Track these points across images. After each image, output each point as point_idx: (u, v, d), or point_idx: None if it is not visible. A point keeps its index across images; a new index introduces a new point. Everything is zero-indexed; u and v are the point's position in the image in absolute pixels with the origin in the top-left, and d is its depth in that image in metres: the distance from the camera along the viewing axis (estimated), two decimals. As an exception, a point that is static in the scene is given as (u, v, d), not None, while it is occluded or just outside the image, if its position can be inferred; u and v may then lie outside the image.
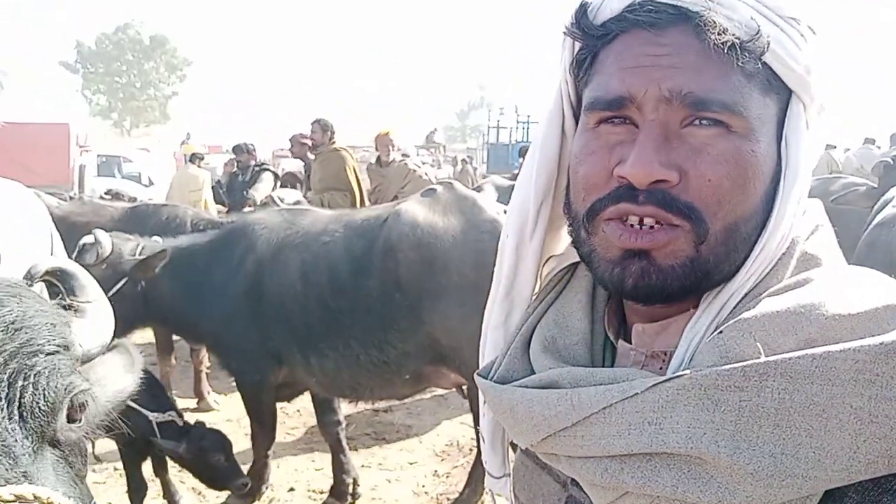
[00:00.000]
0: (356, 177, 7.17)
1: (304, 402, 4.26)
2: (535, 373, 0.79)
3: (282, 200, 5.61)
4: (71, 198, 7.34)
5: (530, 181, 0.88)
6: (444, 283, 3.47)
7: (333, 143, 7.28)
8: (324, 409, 4.25)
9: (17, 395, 0.80)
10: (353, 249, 3.70)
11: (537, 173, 0.87)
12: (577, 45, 0.79)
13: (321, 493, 4.34)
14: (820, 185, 6.02)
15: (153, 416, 3.36)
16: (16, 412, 0.80)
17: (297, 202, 5.67)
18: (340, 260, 3.69)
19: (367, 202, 7.24)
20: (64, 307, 1.01)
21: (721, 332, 0.68)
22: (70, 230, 5.62)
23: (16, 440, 0.79)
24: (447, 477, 4.59)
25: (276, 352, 3.83)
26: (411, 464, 4.81)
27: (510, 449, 0.99)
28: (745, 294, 0.72)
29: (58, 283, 1.04)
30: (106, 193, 9.61)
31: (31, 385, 0.81)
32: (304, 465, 4.77)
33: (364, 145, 15.12)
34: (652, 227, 0.71)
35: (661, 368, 0.75)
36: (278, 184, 7.91)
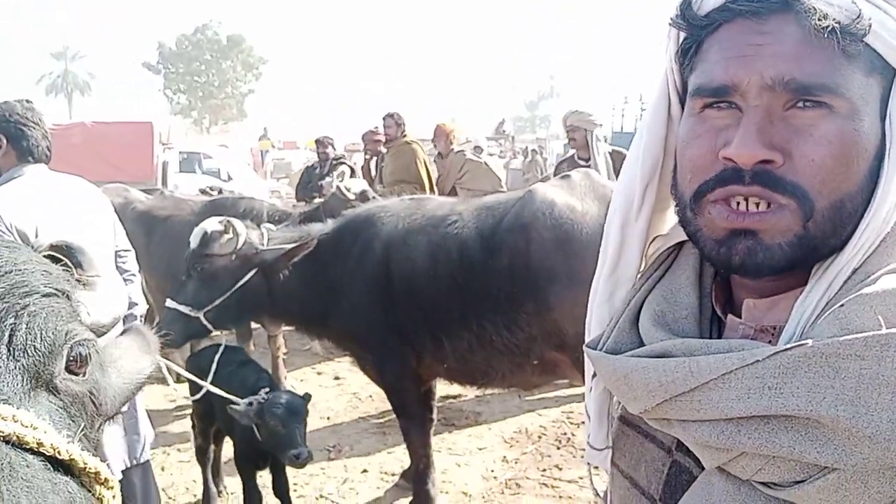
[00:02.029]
0: (426, 169, 7.24)
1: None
2: (644, 345, 0.83)
3: (348, 190, 5.67)
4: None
5: (637, 163, 0.93)
6: (577, 269, 3.22)
7: (405, 136, 7.38)
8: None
9: (8, 333, 0.77)
10: (484, 228, 3.58)
11: (644, 156, 0.92)
12: (682, 35, 0.83)
13: (393, 475, 4.46)
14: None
15: (238, 405, 3.28)
16: (4, 349, 0.76)
17: (363, 192, 5.72)
18: (471, 238, 3.57)
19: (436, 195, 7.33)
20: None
21: (843, 305, 0.71)
22: (152, 222, 5.96)
23: (4, 378, 0.75)
24: (516, 462, 4.65)
25: (408, 338, 3.73)
26: (480, 449, 4.88)
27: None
28: (854, 270, 0.75)
29: (64, 258, 1.00)
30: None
31: (24, 324, 0.78)
32: (376, 447, 4.90)
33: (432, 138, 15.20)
34: (758, 207, 0.74)
35: (769, 342, 0.78)
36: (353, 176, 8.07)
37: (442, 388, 4.55)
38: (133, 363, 1.05)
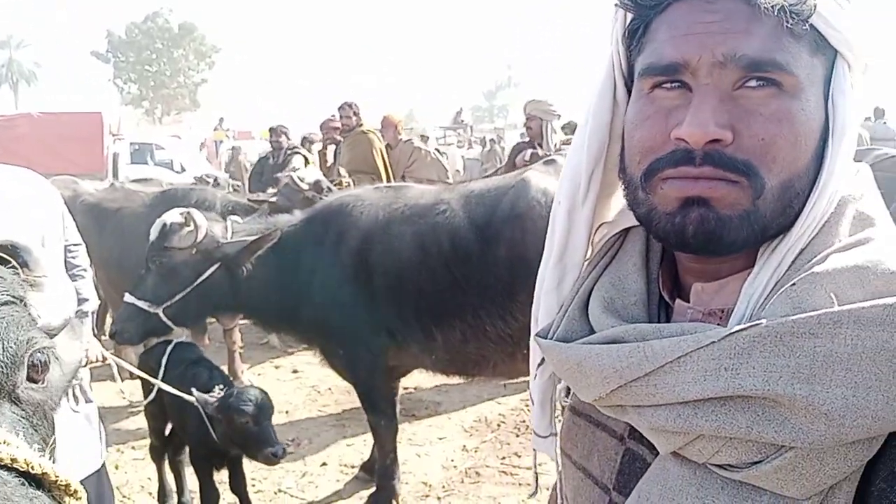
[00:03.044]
0: (383, 159, 7.20)
1: (336, 380, 4.33)
2: (594, 332, 0.82)
3: (301, 180, 5.59)
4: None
5: (582, 149, 0.91)
6: None
7: (361, 125, 7.32)
8: None
9: None
10: (476, 217, 3.51)
11: (589, 141, 0.90)
12: (629, 16, 0.82)
13: (352, 467, 4.44)
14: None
15: (192, 398, 3.17)
16: None
17: (317, 181, 5.64)
18: (463, 228, 3.50)
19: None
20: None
21: (794, 284, 0.70)
22: (103, 215, 5.82)
23: None
24: (475, 451, 4.66)
25: (389, 329, 3.64)
26: (440, 439, 4.89)
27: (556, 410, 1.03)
28: (801, 251, 0.75)
29: (9, 258, 0.97)
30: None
31: None
32: (335, 440, 4.87)
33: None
34: (710, 179, 0.74)
35: (717, 324, 0.78)
36: (308, 166, 7.97)
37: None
38: (70, 353, 1.02)
